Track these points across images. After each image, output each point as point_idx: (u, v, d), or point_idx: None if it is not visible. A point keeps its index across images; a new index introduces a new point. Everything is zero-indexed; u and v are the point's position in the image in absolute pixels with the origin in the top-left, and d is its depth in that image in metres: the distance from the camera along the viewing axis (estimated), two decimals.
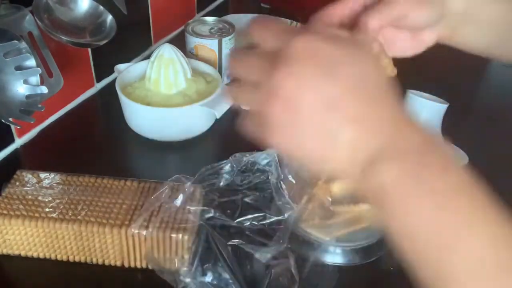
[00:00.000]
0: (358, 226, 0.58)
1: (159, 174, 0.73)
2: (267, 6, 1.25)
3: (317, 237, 0.60)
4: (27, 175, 0.61)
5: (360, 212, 0.56)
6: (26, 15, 0.62)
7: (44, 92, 0.61)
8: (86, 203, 0.58)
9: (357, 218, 0.58)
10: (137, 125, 0.78)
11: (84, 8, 0.67)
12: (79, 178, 0.62)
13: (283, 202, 0.59)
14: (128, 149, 0.80)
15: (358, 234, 0.60)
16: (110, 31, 0.68)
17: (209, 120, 0.79)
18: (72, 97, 0.85)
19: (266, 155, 0.63)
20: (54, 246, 0.57)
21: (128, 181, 0.62)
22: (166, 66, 0.76)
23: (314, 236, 0.60)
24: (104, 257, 0.57)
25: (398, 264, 0.35)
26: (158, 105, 0.74)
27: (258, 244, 0.58)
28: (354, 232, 0.59)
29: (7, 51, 0.57)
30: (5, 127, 0.72)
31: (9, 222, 0.55)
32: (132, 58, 0.96)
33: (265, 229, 0.60)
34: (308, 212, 0.59)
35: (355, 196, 0.55)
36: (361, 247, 0.61)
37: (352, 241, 0.60)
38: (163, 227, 0.54)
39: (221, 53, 0.89)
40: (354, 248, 0.60)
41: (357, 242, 0.60)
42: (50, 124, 0.81)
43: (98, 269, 0.58)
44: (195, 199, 0.59)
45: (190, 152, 0.78)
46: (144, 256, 0.56)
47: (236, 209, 0.62)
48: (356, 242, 0.60)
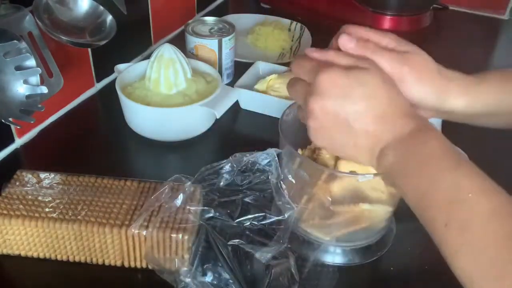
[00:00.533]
0: (358, 226, 0.58)
1: (159, 174, 0.73)
2: (267, 6, 1.25)
3: (317, 237, 0.60)
4: (27, 175, 0.61)
5: (360, 212, 0.56)
6: (26, 15, 0.62)
7: (44, 92, 0.61)
8: (86, 203, 0.58)
9: (357, 218, 0.58)
10: (137, 125, 0.78)
11: (84, 8, 0.67)
12: (79, 178, 0.62)
13: (283, 202, 0.59)
14: (128, 149, 0.80)
15: (358, 234, 0.60)
16: (110, 31, 0.68)
17: (209, 120, 0.79)
18: (72, 97, 0.85)
19: (266, 155, 0.63)
20: (54, 246, 0.57)
21: (128, 181, 0.62)
22: (166, 66, 0.76)
23: (314, 236, 0.60)
24: (104, 257, 0.57)
25: (398, 264, 0.35)
26: (158, 105, 0.75)
27: (258, 244, 0.57)
28: (354, 232, 0.59)
29: (7, 51, 0.57)
30: (5, 127, 0.72)
31: (9, 222, 0.55)
32: (132, 58, 0.96)
33: (265, 229, 0.60)
34: (308, 212, 0.59)
35: (355, 196, 0.55)
36: (361, 247, 0.61)
37: (352, 241, 0.60)
38: (163, 227, 0.54)
39: (221, 53, 0.89)
40: (354, 248, 0.60)
41: (357, 242, 0.60)
42: (50, 124, 0.81)
43: (98, 269, 0.58)
44: (195, 199, 0.59)
45: (190, 152, 0.78)
46: (144, 256, 0.56)
47: (236, 209, 0.61)
48: (356, 242, 0.60)
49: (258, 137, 0.59)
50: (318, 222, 0.59)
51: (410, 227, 0.64)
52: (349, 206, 0.55)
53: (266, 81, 0.87)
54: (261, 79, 0.87)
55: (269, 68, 0.92)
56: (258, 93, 0.84)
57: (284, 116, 0.60)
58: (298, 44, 1.07)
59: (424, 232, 0.42)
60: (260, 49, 1.07)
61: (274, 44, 1.06)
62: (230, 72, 0.94)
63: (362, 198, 0.55)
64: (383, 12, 1.07)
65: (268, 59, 0.98)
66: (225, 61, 0.91)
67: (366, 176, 0.52)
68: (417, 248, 0.63)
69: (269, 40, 1.07)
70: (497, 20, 1.27)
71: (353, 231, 0.59)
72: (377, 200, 0.56)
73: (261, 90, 0.86)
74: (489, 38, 1.23)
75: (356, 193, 0.55)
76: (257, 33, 1.09)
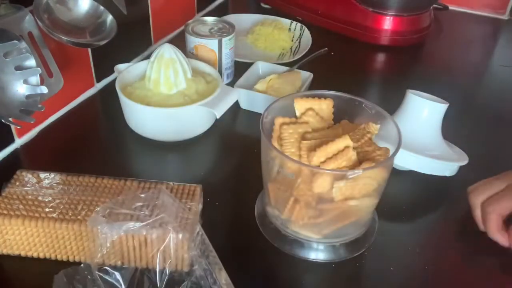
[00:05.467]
0: (347, 221, 0.58)
1: (159, 174, 0.73)
2: (267, 6, 1.25)
3: (306, 236, 0.60)
4: (27, 175, 0.61)
5: (348, 207, 0.56)
6: (26, 15, 0.62)
7: (44, 92, 0.61)
8: (86, 203, 0.58)
9: (346, 214, 0.57)
10: (137, 125, 0.78)
11: (84, 8, 0.68)
12: (79, 178, 0.62)
13: None
14: (128, 149, 0.80)
15: (347, 229, 0.60)
16: (110, 31, 0.68)
17: (209, 120, 0.79)
18: (72, 97, 0.85)
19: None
20: (54, 246, 0.57)
21: (128, 181, 0.62)
22: (166, 66, 0.76)
23: (303, 235, 0.60)
24: (104, 257, 0.57)
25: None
26: (158, 105, 0.74)
27: None
28: (343, 227, 0.59)
29: (7, 51, 0.57)
30: (5, 127, 0.72)
31: (9, 222, 0.55)
32: (132, 58, 0.96)
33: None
34: (296, 213, 0.58)
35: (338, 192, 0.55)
36: (350, 240, 0.61)
37: (341, 236, 0.60)
38: (162, 227, 0.54)
39: (221, 53, 0.89)
40: (344, 242, 0.61)
41: (346, 236, 0.61)
42: (50, 124, 0.81)
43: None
44: (195, 199, 0.59)
45: (190, 152, 0.78)
46: (144, 256, 0.56)
47: None
48: (345, 236, 0.60)
49: (258, 137, 0.59)
50: (307, 221, 0.59)
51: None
52: (337, 203, 0.55)
53: (266, 81, 0.87)
54: (261, 79, 0.87)
55: (269, 68, 0.92)
56: (258, 93, 0.84)
57: (264, 118, 0.60)
58: (298, 44, 1.07)
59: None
60: (260, 49, 1.07)
61: (274, 44, 1.07)
62: (230, 72, 0.94)
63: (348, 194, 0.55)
64: (383, 12, 1.07)
65: (268, 59, 0.98)
66: (225, 61, 0.91)
67: (355, 171, 0.52)
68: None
69: (269, 40, 1.07)
70: (497, 20, 1.27)
71: (342, 227, 0.59)
72: (364, 194, 0.56)
73: (261, 90, 0.86)
74: (489, 38, 1.23)
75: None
76: (257, 33, 1.09)
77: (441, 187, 0.71)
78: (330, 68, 1.01)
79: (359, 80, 0.99)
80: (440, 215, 0.69)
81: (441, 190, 0.71)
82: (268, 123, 0.60)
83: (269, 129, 0.60)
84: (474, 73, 1.05)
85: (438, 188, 0.71)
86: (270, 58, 1.01)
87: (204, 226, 0.56)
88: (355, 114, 0.63)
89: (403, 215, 0.67)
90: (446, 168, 0.69)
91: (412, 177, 0.69)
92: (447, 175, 0.70)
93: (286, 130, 0.59)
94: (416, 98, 0.70)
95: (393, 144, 0.57)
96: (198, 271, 0.54)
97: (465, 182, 0.66)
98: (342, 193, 0.54)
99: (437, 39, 1.15)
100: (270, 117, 0.60)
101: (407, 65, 1.07)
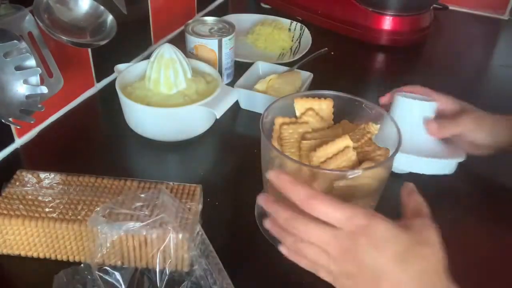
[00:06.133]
0: None
1: (159, 174, 0.73)
2: (267, 6, 1.25)
3: None
4: (27, 175, 0.61)
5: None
6: (26, 15, 0.62)
7: (44, 92, 0.61)
8: (86, 203, 0.58)
9: None
10: (137, 125, 0.78)
11: (84, 8, 0.68)
12: (79, 178, 0.62)
13: None
14: (128, 149, 0.80)
15: None
16: (110, 31, 0.68)
17: (209, 120, 0.79)
18: (72, 97, 0.85)
19: None
20: (54, 246, 0.57)
21: (128, 181, 0.62)
22: (166, 66, 0.76)
23: None
24: (104, 257, 0.57)
25: None
26: (158, 105, 0.74)
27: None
28: None
29: (7, 51, 0.57)
30: (5, 127, 0.72)
31: (9, 222, 0.55)
32: (132, 58, 0.96)
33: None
34: None
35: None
36: None
37: None
38: (162, 227, 0.54)
39: (221, 53, 0.89)
40: None
41: None
42: (50, 124, 0.81)
43: None
44: (195, 199, 0.59)
45: (190, 152, 0.78)
46: (144, 256, 0.56)
47: None
48: None
49: (258, 137, 0.58)
50: None
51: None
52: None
53: (266, 81, 0.87)
54: (261, 79, 0.87)
55: (269, 68, 0.92)
56: (258, 93, 0.84)
57: (264, 118, 0.60)
58: (298, 44, 1.07)
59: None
60: (260, 49, 1.07)
61: (274, 44, 1.07)
62: (230, 72, 0.94)
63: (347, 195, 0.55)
64: (383, 12, 1.07)
65: (268, 59, 0.98)
66: (225, 61, 0.91)
67: (355, 171, 0.52)
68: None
69: (269, 40, 1.07)
70: (497, 20, 1.27)
71: None
72: (364, 194, 0.55)
73: (261, 90, 0.86)
74: (489, 38, 1.23)
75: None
76: (257, 33, 1.09)
77: (441, 187, 0.71)
78: (330, 68, 1.01)
79: (359, 80, 0.99)
80: (440, 215, 0.69)
81: (441, 190, 0.71)
82: (268, 123, 0.60)
83: (269, 129, 0.60)
84: (474, 73, 1.05)
85: (438, 188, 0.71)
86: (270, 58, 1.01)
87: (204, 226, 0.56)
88: (355, 114, 0.63)
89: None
90: (445, 166, 0.69)
91: (412, 179, 0.69)
92: (447, 173, 0.70)
93: (286, 130, 0.59)
94: (404, 100, 0.70)
95: (393, 144, 0.57)
96: (198, 271, 0.54)
97: (465, 182, 0.66)
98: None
99: (437, 39, 1.15)
100: (270, 117, 0.60)
101: (407, 65, 1.07)
